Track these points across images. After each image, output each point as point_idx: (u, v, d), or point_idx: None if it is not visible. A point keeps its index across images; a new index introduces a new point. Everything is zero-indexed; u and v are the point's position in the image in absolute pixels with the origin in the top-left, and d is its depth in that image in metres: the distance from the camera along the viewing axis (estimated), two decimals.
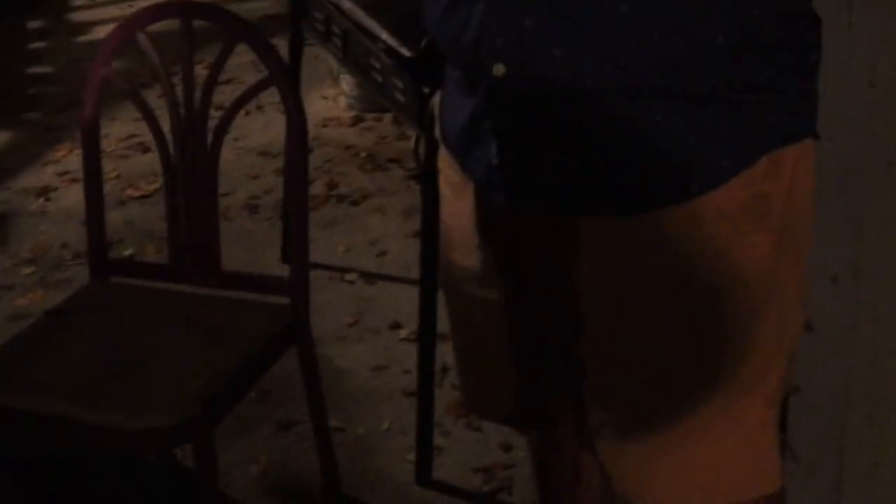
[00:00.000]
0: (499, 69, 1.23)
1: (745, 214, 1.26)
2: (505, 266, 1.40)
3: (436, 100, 1.49)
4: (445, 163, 1.44)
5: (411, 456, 2.32)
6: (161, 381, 1.87)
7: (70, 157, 3.78)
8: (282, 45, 2.68)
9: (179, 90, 2.08)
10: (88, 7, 5.33)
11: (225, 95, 2.09)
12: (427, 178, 2.11)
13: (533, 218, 1.33)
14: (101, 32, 4.91)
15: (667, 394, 1.32)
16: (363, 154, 3.69)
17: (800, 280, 1.34)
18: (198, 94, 2.07)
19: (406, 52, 2.25)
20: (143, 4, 5.28)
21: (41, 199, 3.56)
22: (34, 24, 5.17)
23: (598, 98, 1.21)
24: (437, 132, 1.46)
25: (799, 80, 1.28)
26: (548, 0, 1.19)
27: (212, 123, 2.09)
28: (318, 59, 3.74)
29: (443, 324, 1.89)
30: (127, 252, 3.16)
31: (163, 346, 1.98)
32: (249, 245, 3.16)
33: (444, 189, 1.46)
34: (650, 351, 1.31)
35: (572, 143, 1.25)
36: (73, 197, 3.48)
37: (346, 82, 3.93)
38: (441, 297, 1.62)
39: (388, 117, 3.85)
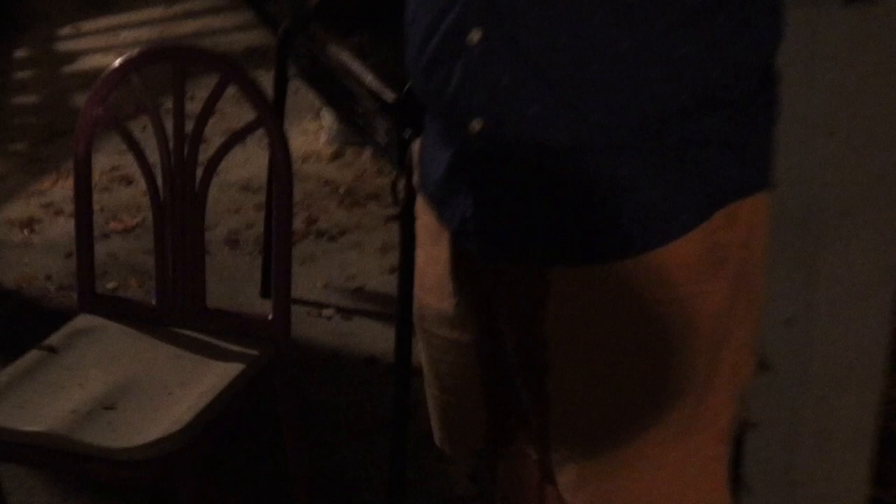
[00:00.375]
0: (476, 125, 1.27)
1: (702, 264, 1.31)
2: (478, 311, 1.45)
3: (416, 146, 1.54)
4: (423, 209, 1.48)
5: (384, 489, 2.34)
6: (151, 417, 1.91)
7: (55, 189, 3.77)
8: (264, 77, 2.69)
9: (165, 125, 2.10)
10: (74, 37, 5.30)
11: (208, 128, 2.14)
12: (405, 217, 2.15)
13: (504, 267, 1.38)
14: (87, 62, 4.90)
15: (625, 431, 1.37)
16: (342, 190, 3.70)
17: (753, 324, 1.39)
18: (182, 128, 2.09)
19: (389, 97, 2.25)
20: (126, 34, 5.26)
21: (25, 231, 3.54)
22: (19, 54, 5.14)
23: (569, 154, 1.26)
24: (415, 179, 1.50)
25: (757, 135, 1.33)
26: (525, 59, 1.23)
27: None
28: (299, 93, 3.72)
29: (417, 359, 1.94)
30: (110, 285, 3.16)
31: (150, 381, 2.01)
32: (230, 280, 3.17)
33: (421, 234, 1.50)
34: (610, 390, 1.36)
35: (541, 197, 1.30)
36: (58, 229, 3.48)
37: (327, 116, 3.92)
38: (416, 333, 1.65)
39: (367, 152, 3.85)
